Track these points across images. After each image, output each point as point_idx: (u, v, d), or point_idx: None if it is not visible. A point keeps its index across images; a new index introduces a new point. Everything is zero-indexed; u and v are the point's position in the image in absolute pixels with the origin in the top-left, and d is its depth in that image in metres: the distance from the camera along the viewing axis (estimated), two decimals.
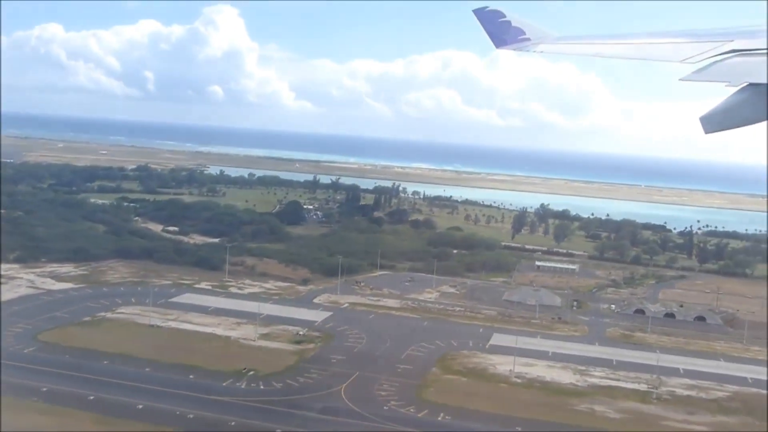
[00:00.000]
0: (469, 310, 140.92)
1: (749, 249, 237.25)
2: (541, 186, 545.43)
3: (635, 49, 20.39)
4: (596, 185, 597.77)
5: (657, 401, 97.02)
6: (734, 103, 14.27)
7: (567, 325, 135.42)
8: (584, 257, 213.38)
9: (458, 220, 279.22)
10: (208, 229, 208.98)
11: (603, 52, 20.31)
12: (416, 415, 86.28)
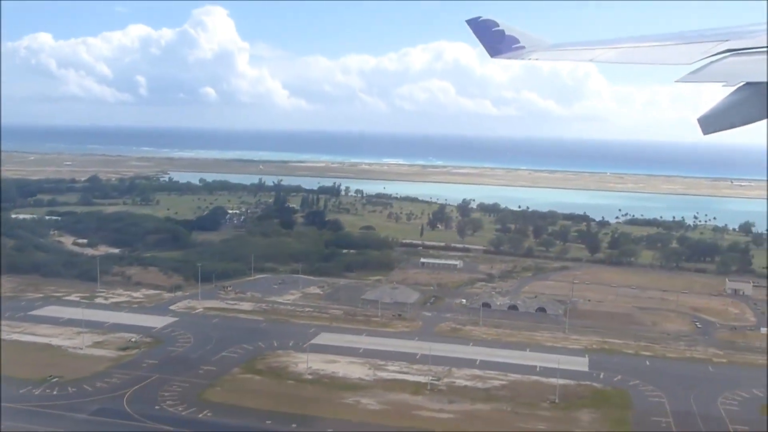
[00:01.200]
0: (317, 311, 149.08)
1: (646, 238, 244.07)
2: (502, 178, 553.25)
3: (630, 53, 20.40)
4: (559, 175, 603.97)
5: (429, 392, 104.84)
6: (732, 103, 14.42)
7: (404, 321, 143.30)
8: (479, 251, 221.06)
9: (381, 218, 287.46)
10: (116, 240, 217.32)
11: (598, 58, 20.67)
12: (181, 414, 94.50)
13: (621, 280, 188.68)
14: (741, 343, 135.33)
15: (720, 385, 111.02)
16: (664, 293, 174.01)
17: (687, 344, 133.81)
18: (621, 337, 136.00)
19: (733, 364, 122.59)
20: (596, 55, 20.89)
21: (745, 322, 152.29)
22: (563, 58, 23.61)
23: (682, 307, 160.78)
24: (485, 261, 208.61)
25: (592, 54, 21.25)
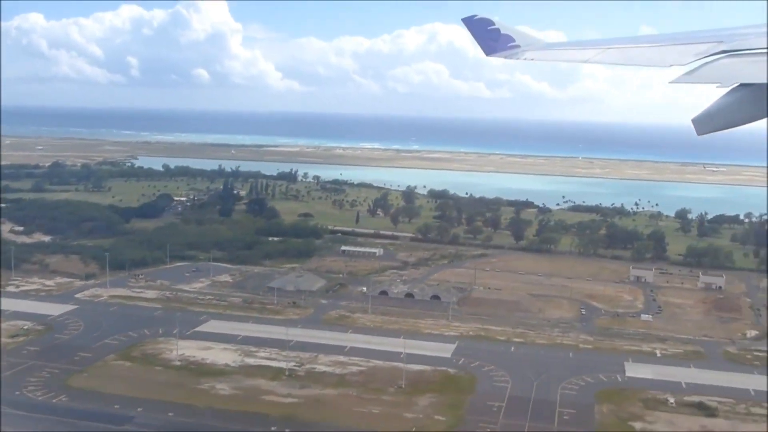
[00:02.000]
0: (217, 299, 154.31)
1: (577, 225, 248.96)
2: (471, 162, 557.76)
3: (624, 54, 20.49)
4: (530, 159, 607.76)
5: (286, 378, 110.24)
6: (726, 104, 14.38)
7: (298, 309, 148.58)
8: (407, 239, 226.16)
9: (326, 205, 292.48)
10: (51, 228, 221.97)
11: (592, 59, 20.75)
12: (38, 398, 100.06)
13: (533, 267, 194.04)
14: (615, 330, 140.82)
15: (571, 370, 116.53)
16: (569, 280, 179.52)
17: (562, 330, 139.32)
18: (501, 324, 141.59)
19: (596, 350, 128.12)
20: (591, 55, 21.12)
21: (631, 308, 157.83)
22: (558, 58, 23.94)
23: (578, 294, 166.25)
24: (409, 249, 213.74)
25: (586, 54, 21.54)
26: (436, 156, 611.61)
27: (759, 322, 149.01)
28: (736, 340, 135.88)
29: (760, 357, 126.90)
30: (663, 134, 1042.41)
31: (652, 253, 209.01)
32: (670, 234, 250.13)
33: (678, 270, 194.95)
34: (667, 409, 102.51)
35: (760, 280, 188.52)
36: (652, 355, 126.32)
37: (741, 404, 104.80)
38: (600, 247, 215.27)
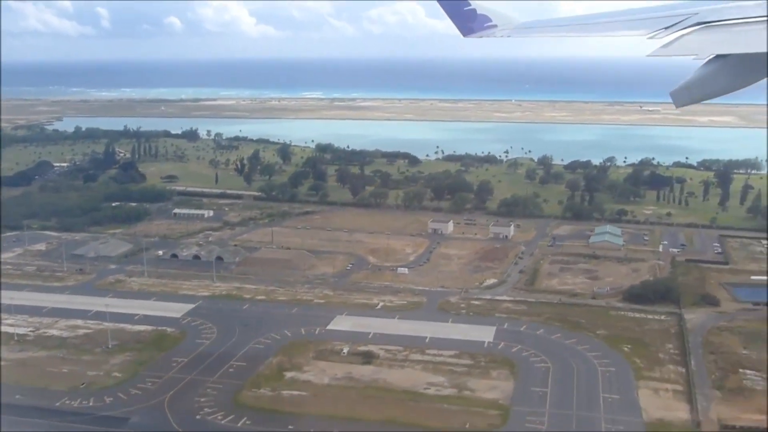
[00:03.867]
0: (14, 268, 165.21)
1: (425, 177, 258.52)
2: (395, 110, 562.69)
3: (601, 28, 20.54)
4: (461, 104, 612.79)
5: (14, 342, 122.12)
6: (703, 76, 14.53)
7: (81, 275, 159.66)
8: (251, 198, 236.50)
9: (202, 165, 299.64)
10: None
11: (570, 34, 20.85)
12: None
13: (348, 223, 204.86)
14: (362, 284, 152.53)
15: (279, 325, 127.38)
16: (369, 235, 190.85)
17: (312, 286, 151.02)
18: (260, 283, 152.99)
19: (325, 305, 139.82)
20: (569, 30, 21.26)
21: (401, 261, 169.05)
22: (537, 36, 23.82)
23: (362, 249, 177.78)
24: (246, 208, 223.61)
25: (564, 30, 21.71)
26: (368, 104, 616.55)
27: (507, 271, 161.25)
28: (467, 290, 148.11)
29: (472, 305, 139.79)
30: (636, 70, 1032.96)
31: (472, 203, 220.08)
32: (517, 182, 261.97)
33: (486, 220, 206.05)
34: (334, 359, 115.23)
35: (555, 227, 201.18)
36: (372, 307, 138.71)
37: (406, 351, 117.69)
38: (426, 199, 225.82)
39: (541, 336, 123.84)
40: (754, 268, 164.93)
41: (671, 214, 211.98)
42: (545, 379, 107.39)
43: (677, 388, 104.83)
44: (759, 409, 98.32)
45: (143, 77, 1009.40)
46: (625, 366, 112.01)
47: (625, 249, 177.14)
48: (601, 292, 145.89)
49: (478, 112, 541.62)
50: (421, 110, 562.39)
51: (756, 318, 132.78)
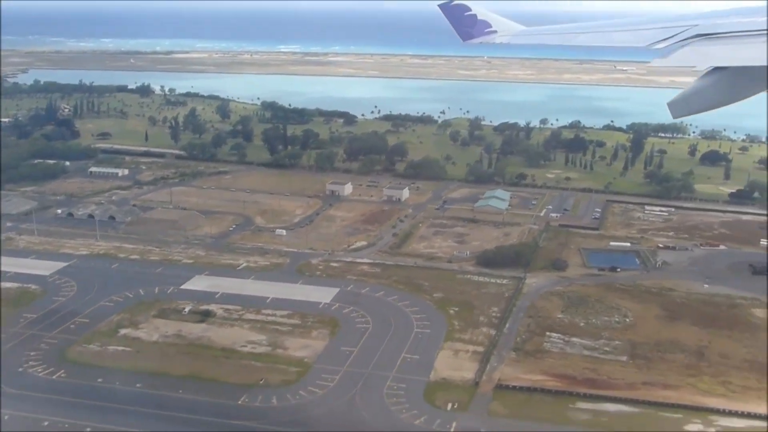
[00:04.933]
0: None
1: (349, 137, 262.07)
2: (362, 66, 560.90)
3: (601, 37, 20.39)
4: (430, 61, 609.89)
5: None
6: (701, 87, 14.80)
7: None
8: (172, 157, 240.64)
9: (142, 123, 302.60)
10: None
11: (569, 42, 20.84)
12: None
13: (254, 183, 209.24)
14: (237, 245, 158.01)
15: (135, 283, 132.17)
16: (269, 196, 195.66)
17: (188, 246, 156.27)
18: (141, 243, 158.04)
19: (190, 265, 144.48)
20: (567, 39, 21.17)
21: (286, 223, 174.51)
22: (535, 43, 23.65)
23: (254, 210, 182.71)
24: (164, 167, 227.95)
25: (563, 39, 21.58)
26: (339, 60, 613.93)
27: (381, 234, 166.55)
28: (333, 252, 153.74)
29: (330, 267, 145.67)
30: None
31: (382, 166, 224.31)
32: (441, 144, 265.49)
33: (390, 182, 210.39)
34: (173, 317, 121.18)
35: (453, 190, 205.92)
36: (234, 268, 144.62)
37: (243, 311, 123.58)
38: (339, 161, 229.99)
39: (377, 298, 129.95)
40: (622, 234, 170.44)
41: (570, 178, 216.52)
42: (359, 339, 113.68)
43: (478, 349, 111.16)
44: (543, 371, 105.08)
45: (126, 27, 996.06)
46: (441, 328, 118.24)
47: (508, 213, 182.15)
48: (461, 256, 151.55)
49: (444, 69, 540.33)
50: (388, 66, 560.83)
51: (593, 283, 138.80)
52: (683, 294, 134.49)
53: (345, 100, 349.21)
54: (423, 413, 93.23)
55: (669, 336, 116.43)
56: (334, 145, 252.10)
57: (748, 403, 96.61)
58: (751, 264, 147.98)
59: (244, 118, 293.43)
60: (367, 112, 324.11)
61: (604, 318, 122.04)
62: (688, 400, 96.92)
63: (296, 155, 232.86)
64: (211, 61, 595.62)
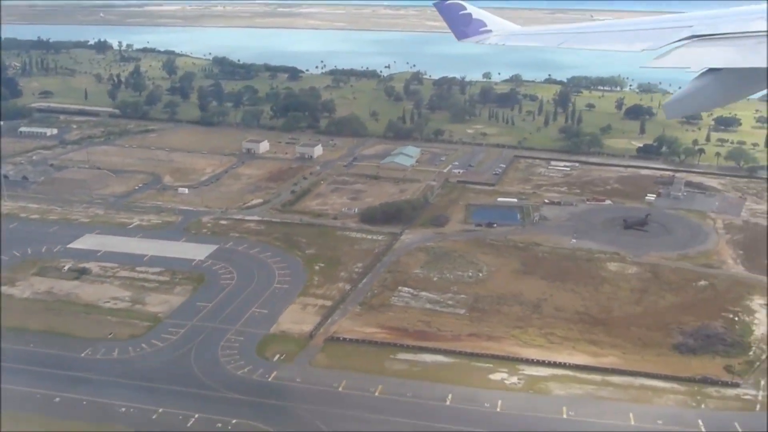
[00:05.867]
0: None
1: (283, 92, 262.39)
2: (330, 18, 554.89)
3: (596, 38, 20.09)
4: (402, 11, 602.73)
5: None
6: (696, 89, 14.92)
7: None
8: (106, 115, 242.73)
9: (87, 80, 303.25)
10: None
11: (564, 44, 20.32)
12: None
13: (177, 141, 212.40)
14: (137, 204, 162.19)
15: (27, 242, 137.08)
16: (188, 154, 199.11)
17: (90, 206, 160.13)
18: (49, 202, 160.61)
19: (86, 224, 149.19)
20: (563, 40, 20.65)
21: (195, 182, 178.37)
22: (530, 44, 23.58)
23: (167, 169, 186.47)
24: (98, 125, 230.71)
25: (558, 40, 21.04)
26: (308, 11, 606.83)
27: (281, 191, 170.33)
28: (226, 210, 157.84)
29: (218, 225, 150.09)
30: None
31: (306, 122, 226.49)
32: (376, 99, 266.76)
33: (309, 138, 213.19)
34: (51, 275, 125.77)
35: (369, 147, 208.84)
36: (126, 226, 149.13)
37: (118, 268, 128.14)
38: (266, 118, 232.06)
39: (251, 255, 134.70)
40: (516, 190, 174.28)
41: (487, 134, 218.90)
42: (218, 294, 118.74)
43: (327, 304, 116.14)
44: (379, 324, 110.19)
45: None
46: (300, 283, 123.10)
47: (413, 170, 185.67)
48: (348, 213, 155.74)
49: (413, 21, 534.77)
50: (357, 18, 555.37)
51: (465, 239, 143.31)
52: (548, 249, 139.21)
53: (297, 54, 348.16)
54: (249, 364, 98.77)
55: (515, 290, 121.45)
56: (269, 102, 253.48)
57: (560, 354, 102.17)
58: (625, 219, 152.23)
59: (187, 74, 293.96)
60: (318, 67, 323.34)
61: (459, 273, 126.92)
62: (503, 351, 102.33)
63: (224, 113, 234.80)
64: (182, 13, 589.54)
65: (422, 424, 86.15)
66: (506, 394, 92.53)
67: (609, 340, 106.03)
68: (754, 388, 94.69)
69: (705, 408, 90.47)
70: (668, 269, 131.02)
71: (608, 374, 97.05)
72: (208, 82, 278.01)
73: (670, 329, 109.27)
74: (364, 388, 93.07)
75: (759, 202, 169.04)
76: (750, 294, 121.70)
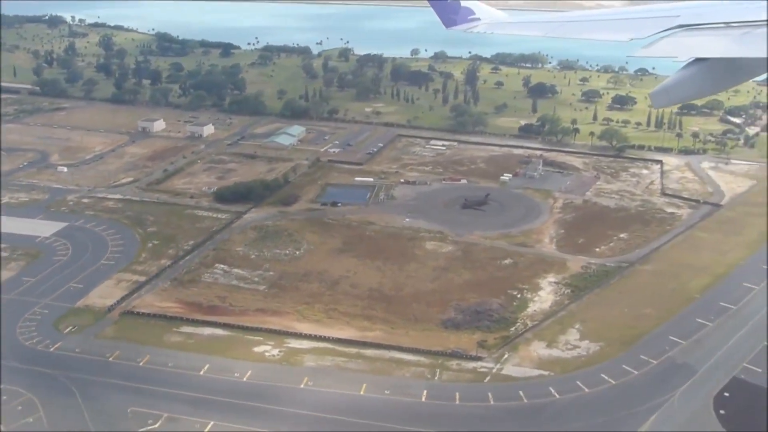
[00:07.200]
0: None
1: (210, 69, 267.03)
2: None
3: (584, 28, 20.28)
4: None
5: None
6: (683, 78, 14.95)
7: None
8: (27, 92, 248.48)
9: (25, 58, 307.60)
10: None
11: (551, 33, 20.58)
12: None
13: (84, 120, 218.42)
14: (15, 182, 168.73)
15: None
16: (88, 133, 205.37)
17: None
18: None
19: None
20: (550, 29, 20.61)
21: (79, 160, 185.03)
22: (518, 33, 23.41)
23: (57, 147, 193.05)
24: (15, 103, 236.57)
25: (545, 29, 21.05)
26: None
27: (154, 171, 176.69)
28: (94, 188, 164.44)
29: (80, 203, 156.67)
30: None
31: (211, 101, 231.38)
32: (296, 77, 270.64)
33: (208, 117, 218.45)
34: None
35: (263, 126, 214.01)
36: None
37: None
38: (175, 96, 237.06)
39: (96, 232, 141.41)
40: (381, 169, 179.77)
41: (380, 113, 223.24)
42: (45, 269, 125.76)
43: (141, 279, 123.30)
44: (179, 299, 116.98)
45: None
46: (127, 260, 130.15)
47: (293, 149, 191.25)
48: (207, 192, 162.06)
49: None
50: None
51: (304, 218, 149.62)
52: (378, 228, 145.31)
53: (240, 30, 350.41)
54: (41, 336, 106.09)
55: (323, 267, 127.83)
56: (191, 79, 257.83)
57: (331, 329, 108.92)
58: (466, 198, 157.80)
59: (120, 51, 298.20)
60: (250, 43, 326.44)
61: (277, 251, 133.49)
62: (280, 325, 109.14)
63: (136, 91, 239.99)
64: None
65: (163, 390, 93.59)
66: (260, 365, 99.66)
67: (384, 316, 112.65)
68: (494, 362, 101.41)
69: (437, 380, 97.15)
70: (482, 248, 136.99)
71: (365, 348, 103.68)
72: (139, 59, 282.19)
73: (449, 306, 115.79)
74: (131, 359, 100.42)
75: (611, 181, 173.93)
76: (546, 272, 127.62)
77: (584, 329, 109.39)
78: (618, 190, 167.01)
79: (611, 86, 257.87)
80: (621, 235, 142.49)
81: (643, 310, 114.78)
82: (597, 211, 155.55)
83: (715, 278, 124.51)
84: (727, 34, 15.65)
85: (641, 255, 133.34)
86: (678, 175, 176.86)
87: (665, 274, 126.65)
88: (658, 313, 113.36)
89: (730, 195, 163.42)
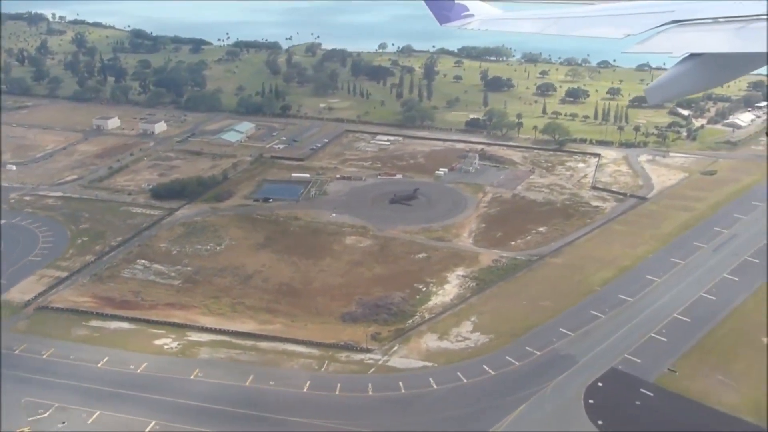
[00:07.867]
0: None
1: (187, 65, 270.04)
2: None
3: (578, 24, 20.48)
4: None
5: None
6: (677, 74, 14.94)
7: None
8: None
9: None
10: None
11: (545, 30, 20.89)
12: None
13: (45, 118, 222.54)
14: None
15: None
16: (43, 131, 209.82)
17: None
18: None
19: None
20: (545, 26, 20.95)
21: (30, 158, 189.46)
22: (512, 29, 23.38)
23: (12, 145, 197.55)
24: None
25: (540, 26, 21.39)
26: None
27: (98, 169, 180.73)
28: (38, 186, 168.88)
29: (22, 201, 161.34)
30: None
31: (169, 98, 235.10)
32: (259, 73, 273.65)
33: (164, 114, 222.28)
34: None
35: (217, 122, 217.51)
36: None
37: None
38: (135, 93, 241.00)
39: (30, 229, 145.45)
40: (321, 165, 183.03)
41: (333, 108, 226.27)
42: None
43: (62, 275, 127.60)
44: (94, 294, 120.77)
45: None
46: (53, 256, 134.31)
47: (239, 145, 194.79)
48: (145, 189, 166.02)
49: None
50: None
51: (233, 213, 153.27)
52: (303, 223, 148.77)
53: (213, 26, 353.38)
54: None
55: (240, 262, 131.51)
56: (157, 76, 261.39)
57: (233, 322, 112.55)
58: (395, 194, 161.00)
59: (91, 49, 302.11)
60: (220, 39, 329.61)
61: (199, 246, 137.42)
62: (184, 319, 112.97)
63: (97, 89, 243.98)
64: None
65: (59, 382, 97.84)
66: (156, 357, 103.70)
67: (287, 310, 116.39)
68: (382, 354, 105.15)
69: (323, 371, 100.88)
70: (400, 242, 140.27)
71: (261, 340, 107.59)
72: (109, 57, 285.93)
73: (352, 300, 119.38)
74: (36, 351, 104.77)
75: (545, 175, 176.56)
76: (457, 266, 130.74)
77: (479, 321, 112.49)
78: (549, 184, 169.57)
79: (569, 79, 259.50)
80: (540, 228, 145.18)
81: (541, 302, 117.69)
82: (523, 205, 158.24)
83: (620, 271, 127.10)
84: (721, 29, 15.73)
85: (554, 248, 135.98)
86: (613, 169, 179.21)
87: (572, 267, 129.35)
88: (555, 306, 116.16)
89: (659, 188, 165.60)
